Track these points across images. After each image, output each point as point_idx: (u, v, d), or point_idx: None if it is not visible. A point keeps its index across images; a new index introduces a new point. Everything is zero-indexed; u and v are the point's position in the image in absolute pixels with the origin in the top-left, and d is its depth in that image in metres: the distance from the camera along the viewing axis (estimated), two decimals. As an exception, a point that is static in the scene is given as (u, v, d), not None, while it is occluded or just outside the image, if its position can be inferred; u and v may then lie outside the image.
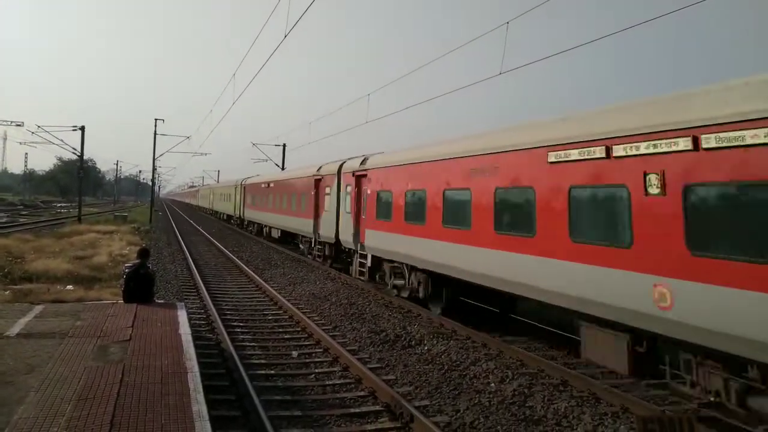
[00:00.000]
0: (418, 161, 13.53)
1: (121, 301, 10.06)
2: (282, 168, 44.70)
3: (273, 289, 15.89)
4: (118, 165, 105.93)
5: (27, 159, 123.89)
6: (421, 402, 7.77)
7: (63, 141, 39.20)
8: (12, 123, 38.66)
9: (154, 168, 52.60)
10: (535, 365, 9.44)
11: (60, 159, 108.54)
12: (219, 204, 56.45)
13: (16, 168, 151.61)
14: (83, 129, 38.05)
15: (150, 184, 67.71)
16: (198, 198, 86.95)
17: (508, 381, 8.73)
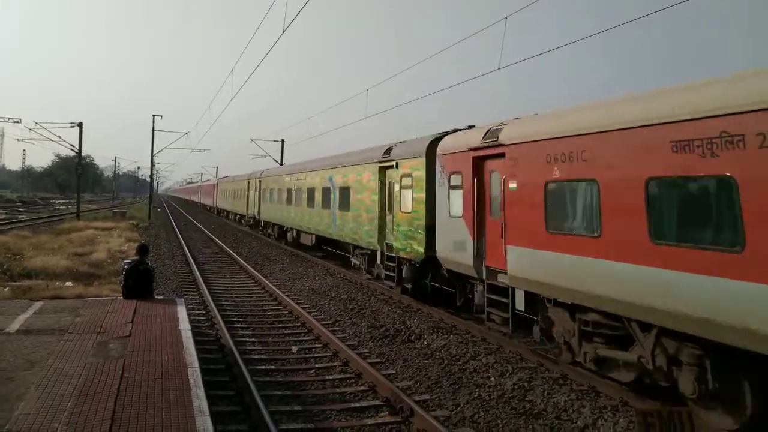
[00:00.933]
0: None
1: (121, 298, 10.07)
2: (280, 164, 43.99)
3: (272, 285, 15.91)
4: (116, 161, 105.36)
5: (25, 156, 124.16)
6: (421, 396, 7.79)
7: (61, 137, 38.93)
8: (9, 120, 38.65)
9: (152, 164, 52.53)
10: (535, 359, 9.46)
11: (58, 155, 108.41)
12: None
13: (14, 165, 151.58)
14: (81, 125, 37.93)
15: (149, 180, 67.45)
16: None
17: (507, 375, 8.75)
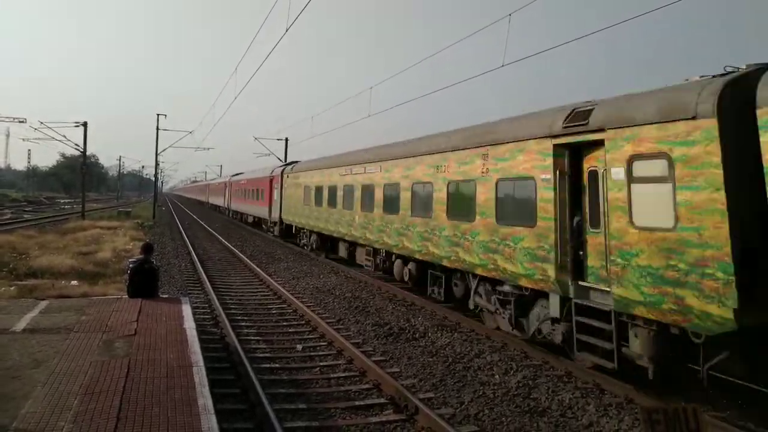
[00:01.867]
0: None
1: (126, 296, 10.10)
2: (284, 162, 39.67)
3: (277, 283, 15.94)
4: (120, 160, 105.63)
5: (30, 155, 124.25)
6: (426, 394, 7.79)
7: (65, 137, 39.11)
8: (15, 119, 38.78)
9: (156, 163, 52.59)
10: (540, 357, 9.45)
11: (63, 155, 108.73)
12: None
13: (19, 164, 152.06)
14: (86, 125, 38.09)
15: (153, 179, 67.45)
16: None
17: (512, 373, 8.75)
